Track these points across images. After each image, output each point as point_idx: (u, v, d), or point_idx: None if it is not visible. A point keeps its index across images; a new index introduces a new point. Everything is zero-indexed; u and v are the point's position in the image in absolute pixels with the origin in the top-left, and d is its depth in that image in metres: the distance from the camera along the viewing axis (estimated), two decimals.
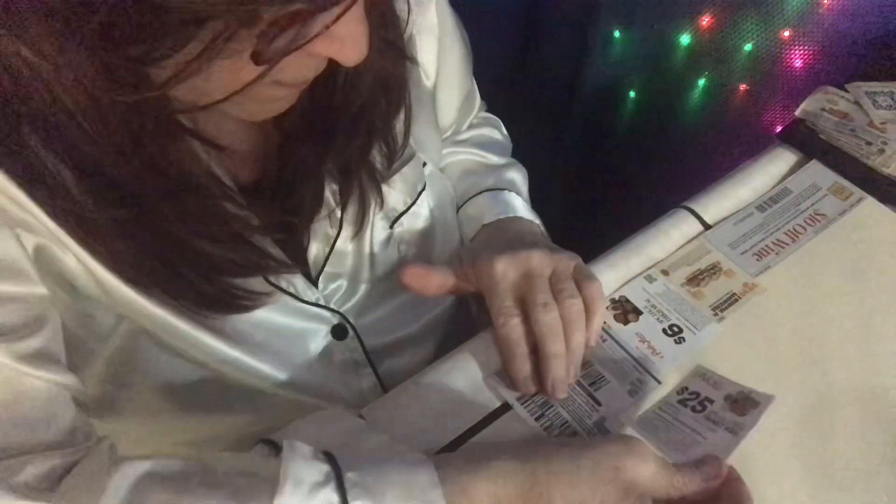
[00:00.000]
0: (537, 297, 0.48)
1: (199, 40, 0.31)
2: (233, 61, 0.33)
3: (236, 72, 0.33)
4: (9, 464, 0.35)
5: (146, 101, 0.34)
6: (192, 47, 0.31)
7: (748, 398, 0.46)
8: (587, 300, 0.49)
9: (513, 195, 0.63)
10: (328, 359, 0.55)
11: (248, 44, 0.32)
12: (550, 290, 0.49)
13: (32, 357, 0.38)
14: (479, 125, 0.72)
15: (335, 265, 0.54)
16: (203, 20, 0.30)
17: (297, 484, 0.35)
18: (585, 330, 0.48)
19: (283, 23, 0.31)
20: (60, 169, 0.37)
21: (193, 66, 0.32)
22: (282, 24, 0.31)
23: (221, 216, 0.44)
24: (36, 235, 0.39)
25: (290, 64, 0.34)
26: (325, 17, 0.32)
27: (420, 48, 0.55)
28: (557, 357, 0.47)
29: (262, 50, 0.32)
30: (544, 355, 0.47)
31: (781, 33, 0.93)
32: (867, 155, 0.64)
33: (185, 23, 0.30)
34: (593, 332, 0.49)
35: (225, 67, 0.33)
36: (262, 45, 0.32)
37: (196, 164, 0.41)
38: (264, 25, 0.31)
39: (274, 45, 0.32)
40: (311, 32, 0.33)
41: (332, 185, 0.51)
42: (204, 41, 0.31)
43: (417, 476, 0.37)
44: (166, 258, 0.42)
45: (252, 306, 0.47)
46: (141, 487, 0.35)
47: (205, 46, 0.31)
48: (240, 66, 0.33)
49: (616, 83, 1.16)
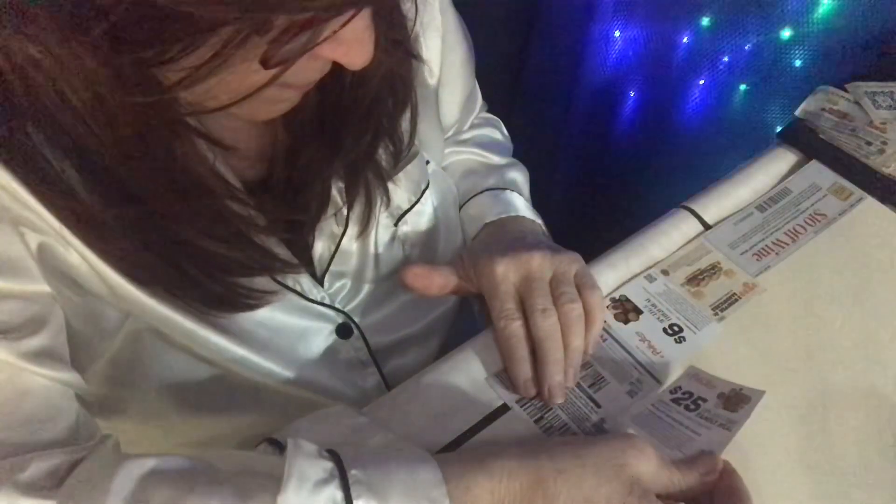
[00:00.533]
0: (536, 301, 0.48)
1: (210, 45, 0.31)
2: (242, 66, 0.33)
3: (246, 76, 0.34)
4: (13, 461, 0.35)
5: (154, 103, 0.35)
6: (202, 51, 0.31)
7: (739, 394, 0.47)
8: (587, 308, 0.49)
9: (514, 195, 0.63)
10: (333, 358, 0.55)
11: (258, 49, 0.32)
12: (550, 293, 0.49)
13: (35, 355, 0.38)
14: (481, 125, 0.72)
15: (340, 264, 0.54)
16: (215, 26, 0.30)
17: (302, 481, 0.35)
18: (584, 336, 0.49)
19: (294, 29, 0.31)
20: (65, 167, 0.37)
21: (204, 71, 0.32)
22: (294, 30, 0.32)
23: (227, 216, 0.44)
24: (39, 233, 0.39)
25: (296, 67, 0.34)
26: (335, 21, 0.32)
27: (425, 46, 0.55)
28: (555, 363, 0.47)
29: (272, 55, 0.32)
30: (542, 361, 0.47)
31: (781, 33, 0.93)
32: (867, 155, 0.64)
33: (197, 28, 0.30)
34: (592, 341, 0.49)
35: (235, 71, 0.33)
36: (272, 50, 0.32)
37: (202, 163, 0.41)
38: (276, 32, 0.31)
39: (284, 50, 0.32)
40: (320, 37, 0.33)
41: (339, 184, 0.51)
42: (215, 47, 0.31)
43: (421, 474, 0.37)
44: (171, 257, 0.42)
45: (257, 305, 0.47)
46: (146, 484, 0.35)
47: (215, 52, 0.31)
48: (249, 71, 0.33)
49: (616, 83, 1.16)
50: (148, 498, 0.35)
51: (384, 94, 0.48)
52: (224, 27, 0.30)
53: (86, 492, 0.35)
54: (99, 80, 0.33)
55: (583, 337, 0.48)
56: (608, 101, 1.19)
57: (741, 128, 1.03)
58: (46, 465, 0.35)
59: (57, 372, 0.39)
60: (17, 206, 0.38)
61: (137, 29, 0.30)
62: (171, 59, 0.31)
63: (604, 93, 1.18)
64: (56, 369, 0.39)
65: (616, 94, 1.17)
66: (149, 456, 0.37)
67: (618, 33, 1.10)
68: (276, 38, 0.32)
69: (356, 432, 0.44)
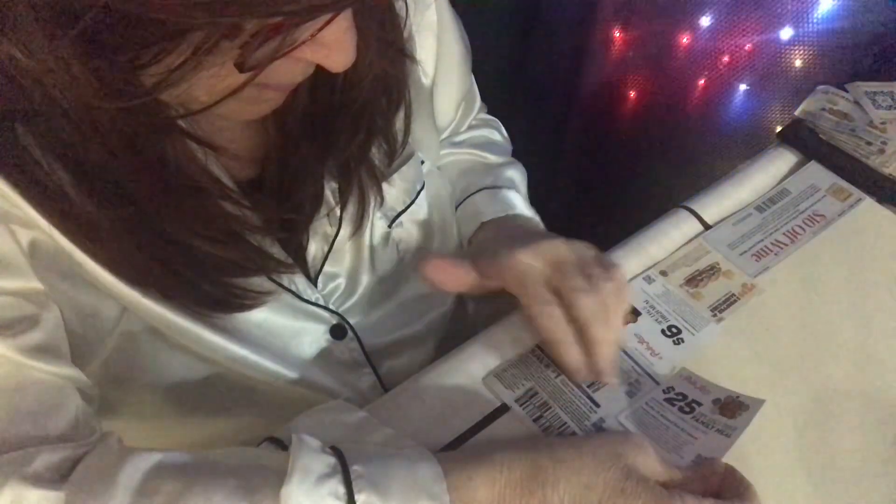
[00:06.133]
0: (574, 282, 0.47)
1: (181, 51, 0.31)
2: (217, 69, 0.33)
3: (221, 79, 0.34)
4: (19, 454, 0.35)
5: (137, 107, 0.35)
6: (175, 56, 0.31)
7: (736, 402, 0.46)
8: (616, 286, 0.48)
9: (512, 193, 0.63)
10: (327, 358, 0.55)
11: (231, 53, 0.32)
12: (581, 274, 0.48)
13: (33, 350, 0.38)
14: (478, 126, 0.72)
15: (334, 264, 0.54)
16: (185, 31, 0.30)
17: (305, 474, 0.35)
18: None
19: (265, 34, 0.31)
20: (56, 168, 0.37)
21: (177, 75, 0.32)
22: (264, 34, 0.31)
23: (220, 216, 0.44)
24: (31, 230, 0.39)
25: (277, 69, 0.34)
26: (311, 25, 0.32)
27: (419, 46, 0.55)
28: (605, 341, 0.46)
29: (245, 58, 0.32)
30: (591, 340, 0.46)
31: (781, 33, 0.93)
32: (867, 155, 0.64)
33: (168, 33, 0.30)
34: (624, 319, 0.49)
35: (210, 75, 0.33)
36: (245, 53, 0.32)
37: (192, 164, 0.41)
38: (246, 37, 0.31)
39: (257, 53, 0.32)
40: (297, 40, 0.33)
41: (332, 184, 0.51)
42: (186, 52, 0.31)
43: (421, 470, 0.38)
44: (165, 258, 0.42)
45: (252, 305, 0.47)
46: (152, 477, 0.36)
47: (186, 57, 0.31)
48: (224, 74, 0.33)
49: (616, 83, 1.16)
50: (155, 490, 0.35)
51: (377, 94, 0.48)
52: (194, 32, 0.30)
53: (93, 484, 0.35)
54: (83, 83, 0.33)
55: (621, 314, 0.48)
56: (608, 101, 1.19)
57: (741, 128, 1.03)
58: (52, 459, 0.36)
59: (56, 367, 0.39)
60: (6, 204, 0.38)
61: (110, 34, 0.30)
62: (146, 63, 0.32)
63: (604, 93, 1.18)
64: (55, 364, 0.39)
65: (616, 94, 1.17)
66: (154, 450, 0.38)
67: (618, 33, 1.10)
68: (247, 42, 0.32)
69: (357, 429, 0.44)
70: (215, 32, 0.31)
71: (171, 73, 0.32)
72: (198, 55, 0.31)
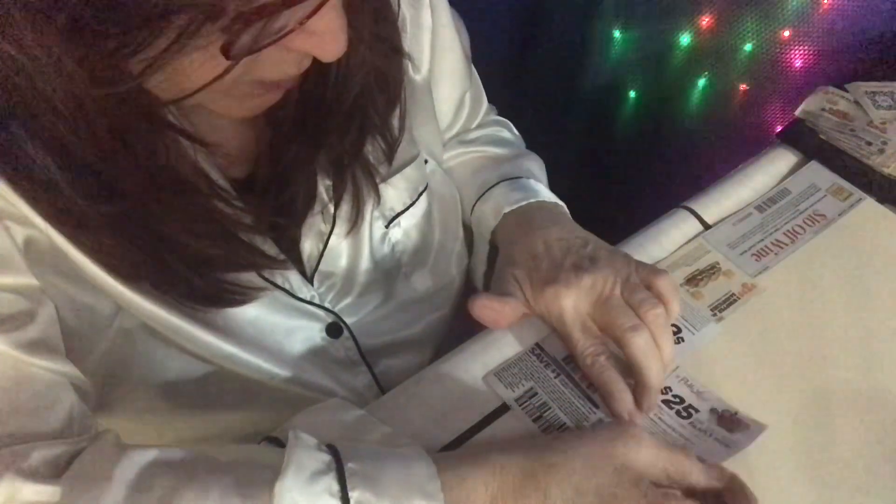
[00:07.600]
0: (622, 321, 0.46)
1: (166, 35, 0.31)
2: (203, 55, 0.33)
3: (208, 66, 0.33)
4: (16, 449, 0.35)
5: (123, 94, 0.35)
6: (162, 41, 0.31)
7: (735, 418, 0.46)
8: (664, 298, 0.48)
9: (532, 181, 0.62)
10: (323, 356, 0.55)
11: (216, 38, 0.32)
12: (628, 304, 0.47)
13: (30, 345, 0.39)
14: (488, 125, 0.71)
15: (329, 263, 0.53)
16: (167, 14, 0.30)
17: (300, 469, 0.36)
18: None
19: (249, 17, 0.31)
20: (48, 164, 0.37)
21: (162, 60, 0.32)
22: (248, 18, 0.31)
23: (211, 212, 0.43)
24: (26, 227, 0.39)
25: (269, 60, 0.34)
26: (299, 11, 0.32)
27: (414, 42, 0.55)
28: (657, 380, 0.46)
29: (231, 44, 0.32)
30: (646, 386, 0.45)
31: (781, 33, 0.93)
32: (867, 155, 0.64)
33: (151, 17, 0.30)
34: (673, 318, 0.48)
35: (196, 61, 0.33)
36: (230, 39, 0.32)
37: (183, 160, 0.41)
38: (228, 20, 0.31)
39: (243, 39, 0.32)
40: (285, 28, 0.33)
41: (326, 181, 0.51)
42: (171, 36, 0.31)
43: (415, 468, 0.38)
44: (156, 253, 0.42)
45: (244, 300, 0.47)
46: (148, 472, 0.36)
47: (171, 41, 0.31)
48: (211, 60, 0.33)
49: (616, 83, 1.16)
50: (150, 485, 0.35)
51: (371, 90, 0.48)
52: (178, 14, 0.30)
53: (90, 479, 0.35)
54: (73, 75, 0.33)
55: (672, 340, 0.47)
56: (608, 101, 1.19)
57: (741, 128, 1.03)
58: (49, 454, 0.36)
59: (52, 362, 0.40)
60: (1, 202, 0.38)
61: (95, 20, 0.30)
62: (133, 50, 0.32)
63: (604, 93, 1.19)
64: (51, 360, 0.40)
65: (616, 94, 1.17)
66: (151, 446, 0.38)
67: (618, 33, 1.11)
68: (229, 25, 0.32)
69: (354, 427, 0.44)
70: (198, 15, 0.30)
71: (157, 57, 0.32)
72: (182, 39, 0.31)
